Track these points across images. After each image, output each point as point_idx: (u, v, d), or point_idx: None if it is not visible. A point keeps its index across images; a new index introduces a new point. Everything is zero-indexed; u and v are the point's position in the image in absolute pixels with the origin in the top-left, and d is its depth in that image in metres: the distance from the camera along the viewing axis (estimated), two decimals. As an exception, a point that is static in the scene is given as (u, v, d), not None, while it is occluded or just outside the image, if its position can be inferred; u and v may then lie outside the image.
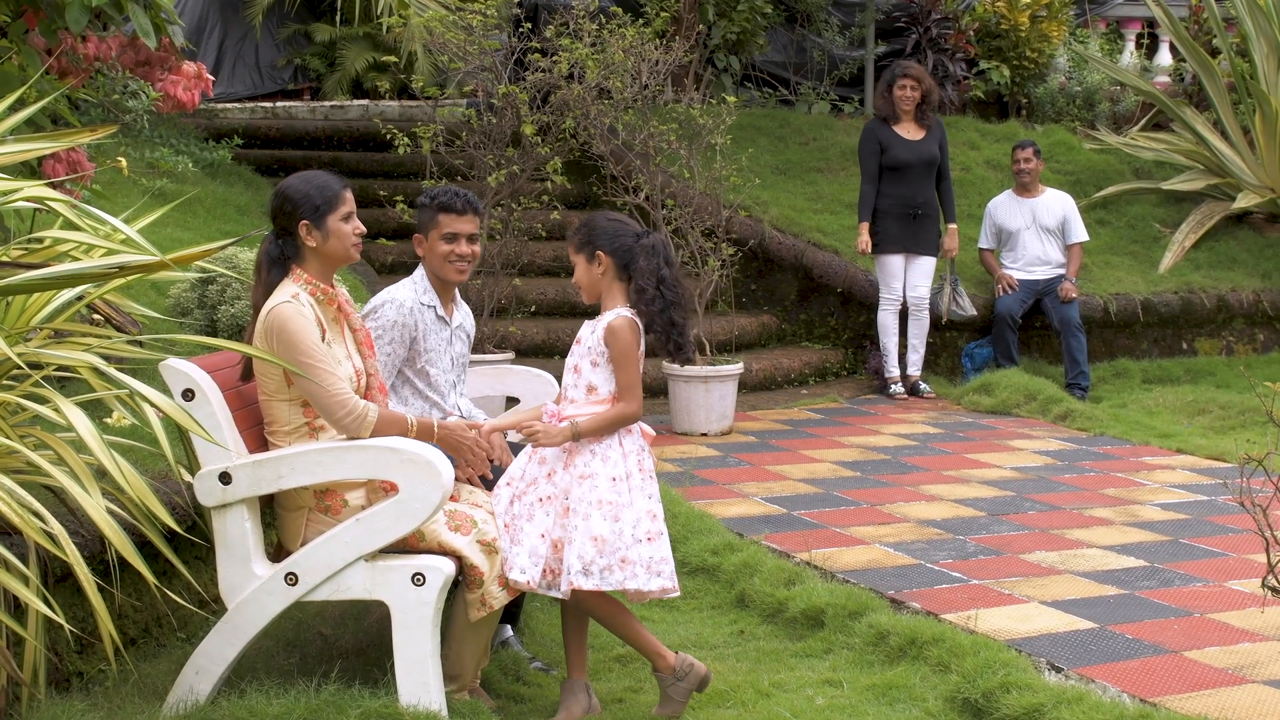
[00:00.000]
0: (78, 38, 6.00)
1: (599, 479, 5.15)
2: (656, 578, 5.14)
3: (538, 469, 5.23)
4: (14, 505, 4.09)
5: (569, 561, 5.08)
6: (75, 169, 5.93)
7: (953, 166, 14.00)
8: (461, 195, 5.88)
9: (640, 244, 5.28)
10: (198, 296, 7.32)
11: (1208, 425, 10.47)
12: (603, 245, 5.28)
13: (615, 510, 5.12)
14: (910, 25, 15.16)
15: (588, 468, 5.17)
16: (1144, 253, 13.57)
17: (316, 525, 4.96)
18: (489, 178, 10.03)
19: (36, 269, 4.47)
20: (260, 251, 5.08)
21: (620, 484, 5.17)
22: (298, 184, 5.07)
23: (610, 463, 5.18)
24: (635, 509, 5.16)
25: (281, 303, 4.93)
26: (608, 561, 5.08)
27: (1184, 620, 6.19)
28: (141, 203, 8.01)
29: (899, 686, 5.44)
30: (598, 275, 5.30)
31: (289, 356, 4.88)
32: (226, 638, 4.90)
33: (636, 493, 5.20)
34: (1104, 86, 15.56)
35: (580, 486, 5.15)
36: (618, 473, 5.18)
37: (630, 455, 5.23)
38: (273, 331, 4.90)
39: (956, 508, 8.04)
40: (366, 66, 15.18)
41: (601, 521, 5.10)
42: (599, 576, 5.08)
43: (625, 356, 5.22)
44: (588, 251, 5.31)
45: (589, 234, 5.31)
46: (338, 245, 5.06)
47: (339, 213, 5.06)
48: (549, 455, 5.23)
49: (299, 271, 5.05)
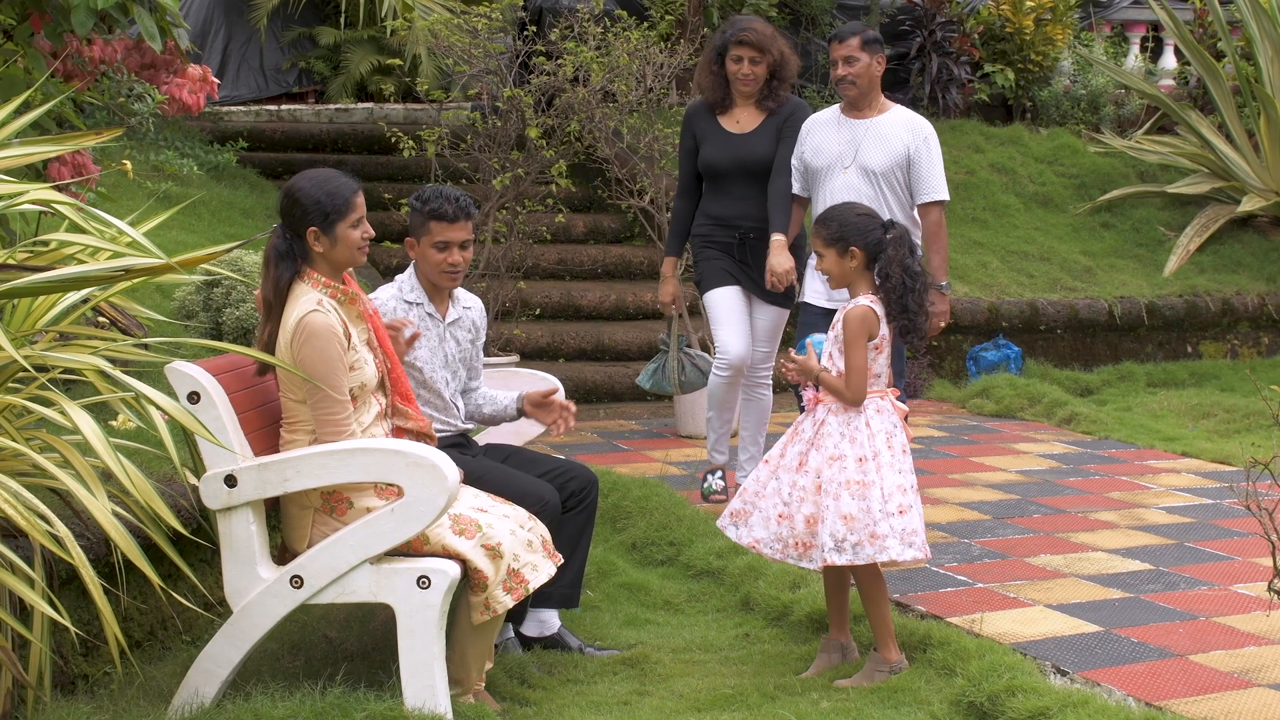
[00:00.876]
0: (83, 41, 6.00)
1: (847, 460, 5.48)
2: (909, 548, 5.47)
3: (795, 450, 5.60)
4: (20, 508, 4.10)
5: (822, 539, 5.43)
6: (80, 172, 5.93)
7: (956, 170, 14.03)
8: (453, 200, 5.75)
9: (889, 236, 5.54)
10: (203, 299, 7.33)
11: (1213, 429, 10.47)
12: (855, 240, 5.55)
13: (863, 489, 5.45)
14: (914, 28, 15.15)
15: (837, 449, 5.50)
16: (1149, 256, 13.56)
17: (322, 527, 4.96)
18: (494, 181, 10.03)
19: (42, 272, 4.47)
20: (269, 245, 5.06)
21: (868, 463, 5.48)
22: (308, 188, 5.02)
23: (858, 444, 5.50)
24: (885, 484, 5.47)
25: (311, 312, 4.91)
26: (858, 538, 5.41)
27: (1189, 624, 6.19)
28: (146, 206, 8.02)
29: (903, 690, 5.44)
30: (849, 268, 5.58)
31: (310, 367, 4.88)
32: (232, 640, 4.90)
33: (886, 469, 5.49)
34: (1109, 90, 15.55)
35: (831, 468, 5.49)
36: (865, 453, 5.49)
37: (879, 434, 5.53)
38: (300, 340, 4.89)
39: (961, 511, 8.04)
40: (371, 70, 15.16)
41: (850, 500, 5.43)
42: (851, 552, 5.42)
43: (852, 342, 5.51)
44: (840, 246, 5.57)
45: (841, 229, 5.58)
46: (344, 252, 5.05)
47: (349, 220, 5.03)
48: (808, 435, 5.59)
49: (313, 275, 5.04)
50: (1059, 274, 13.09)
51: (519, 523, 5.22)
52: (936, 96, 15.01)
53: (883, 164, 7.13)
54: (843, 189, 7.06)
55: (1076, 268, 13.24)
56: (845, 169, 7.18)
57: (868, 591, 5.60)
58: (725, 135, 7.71)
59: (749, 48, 7.54)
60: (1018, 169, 14.36)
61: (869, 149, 7.16)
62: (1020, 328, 12.35)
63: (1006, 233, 13.60)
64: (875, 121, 7.23)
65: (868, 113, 7.27)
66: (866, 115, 7.27)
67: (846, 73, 7.20)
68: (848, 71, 7.20)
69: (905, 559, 5.47)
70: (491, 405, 6.08)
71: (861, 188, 7.07)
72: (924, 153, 7.17)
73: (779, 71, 7.65)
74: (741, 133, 7.70)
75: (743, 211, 7.67)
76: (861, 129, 7.22)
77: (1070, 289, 12.88)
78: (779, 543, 5.56)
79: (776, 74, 7.65)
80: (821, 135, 7.32)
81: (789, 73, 7.70)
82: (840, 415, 5.54)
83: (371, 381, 5.09)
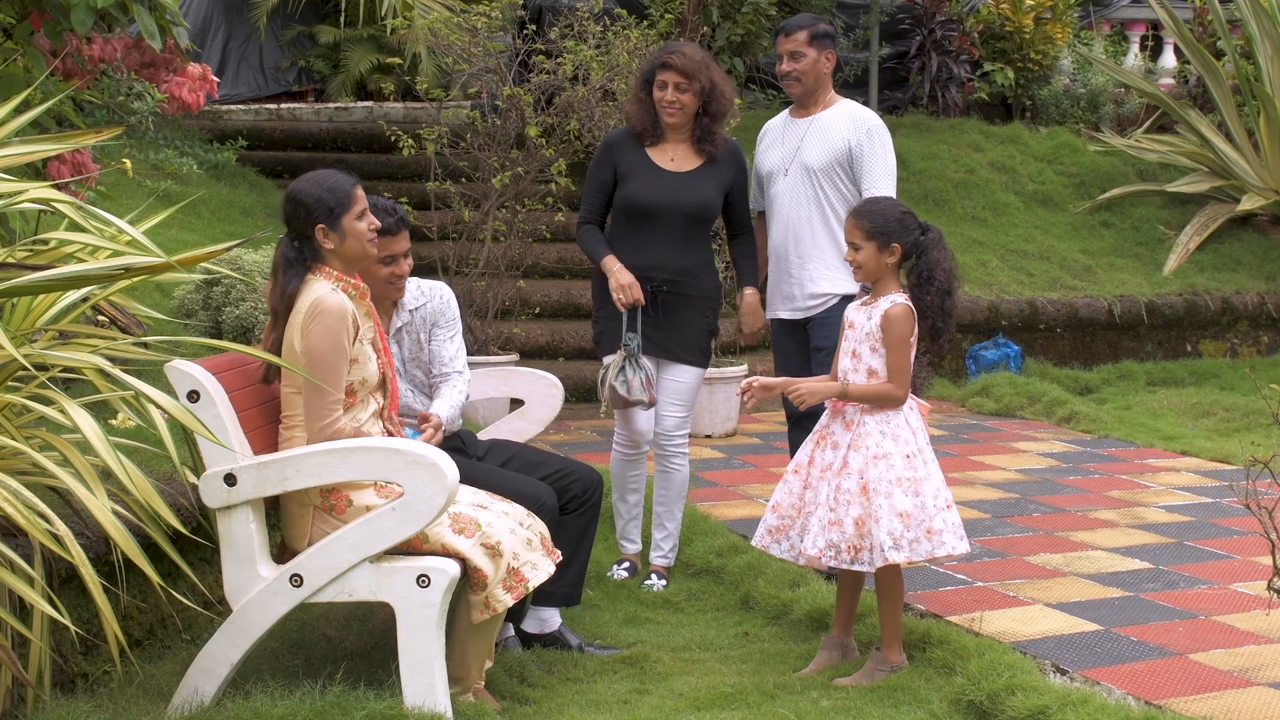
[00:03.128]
0: (83, 39, 6.00)
1: (894, 458, 5.44)
2: (961, 541, 5.50)
3: (832, 454, 5.54)
4: (19, 506, 4.09)
5: (879, 538, 5.36)
6: (80, 171, 5.93)
7: (955, 169, 14.05)
8: (393, 213, 5.60)
9: (928, 237, 5.55)
10: (202, 298, 7.33)
11: (1212, 427, 10.47)
12: (897, 237, 5.53)
13: (915, 485, 5.43)
14: (914, 27, 15.17)
15: (880, 447, 5.46)
16: (1148, 255, 13.57)
17: (322, 525, 4.96)
18: (493, 179, 10.03)
19: (42, 270, 4.47)
20: (276, 254, 5.07)
21: (915, 459, 5.47)
22: (308, 187, 5.04)
23: (902, 441, 5.48)
24: (933, 480, 5.48)
25: (327, 293, 4.95)
26: (915, 535, 5.39)
27: (1189, 623, 6.19)
28: (146, 204, 8.02)
29: (903, 688, 5.43)
30: (885, 263, 5.54)
31: (314, 345, 4.90)
32: (231, 639, 4.90)
33: (932, 465, 5.51)
34: (1108, 89, 15.57)
35: (876, 467, 5.43)
36: (910, 449, 5.48)
37: (919, 432, 5.52)
38: (311, 317, 4.91)
39: (961, 510, 7.98)
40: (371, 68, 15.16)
41: (904, 497, 5.40)
42: (909, 549, 5.39)
43: (899, 342, 5.48)
44: (881, 241, 5.53)
45: (884, 224, 5.54)
46: (355, 244, 5.06)
47: (353, 212, 5.05)
48: (840, 439, 5.53)
49: (326, 269, 5.05)
50: (1059, 273, 13.10)
51: (518, 520, 5.22)
52: (936, 95, 15.04)
53: (821, 161, 6.56)
54: (784, 193, 6.64)
55: (1076, 266, 13.25)
56: (785, 172, 6.65)
57: (887, 592, 5.58)
58: (658, 172, 6.70)
59: (674, 72, 6.57)
60: (1017, 168, 14.37)
61: (809, 147, 6.60)
62: (1020, 326, 12.37)
63: (1006, 231, 13.61)
64: (818, 118, 6.66)
65: (812, 110, 6.71)
66: (811, 113, 6.71)
67: (791, 68, 6.61)
68: (793, 67, 6.61)
69: (960, 552, 5.50)
70: None
71: (801, 189, 6.60)
72: (866, 145, 6.52)
73: (711, 105, 6.65)
74: (678, 171, 6.70)
75: (658, 261, 6.64)
76: (804, 127, 6.68)
77: (1070, 288, 12.89)
78: (831, 549, 5.47)
79: (708, 108, 6.66)
80: (768, 140, 6.82)
81: (722, 107, 6.68)
82: (877, 414, 5.51)
83: (372, 380, 5.10)
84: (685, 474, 6.91)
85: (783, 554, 5.70)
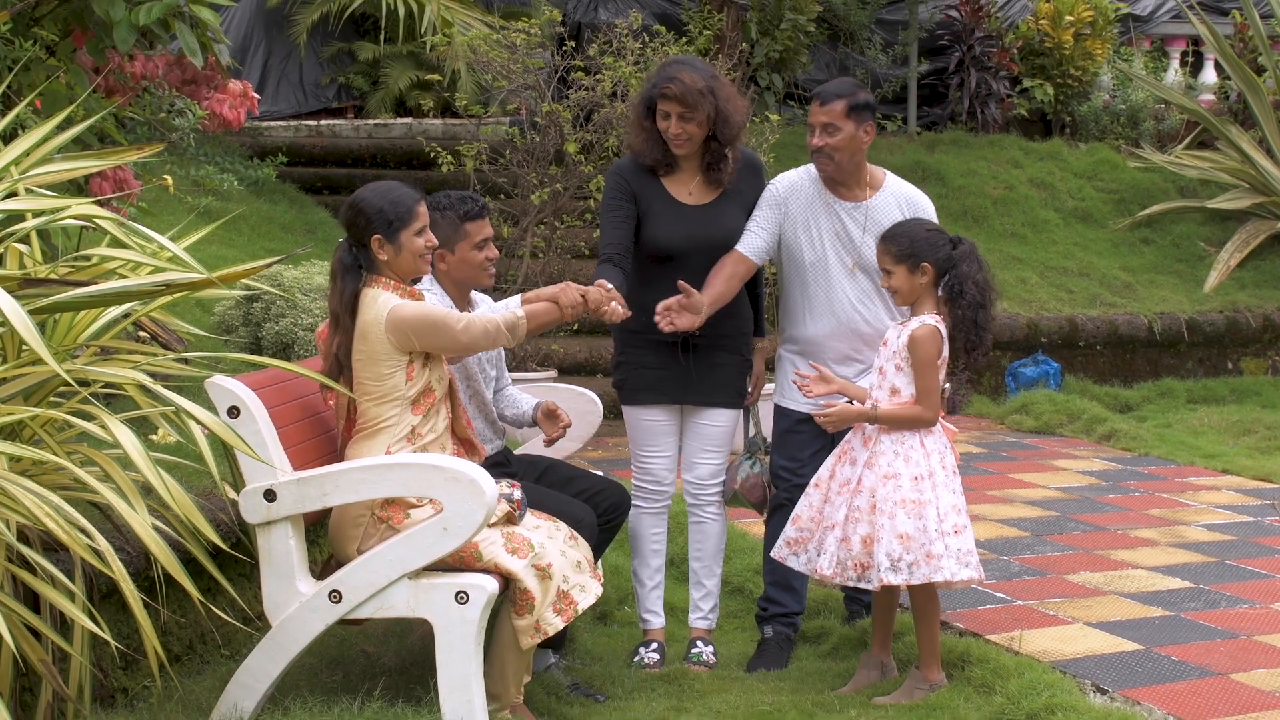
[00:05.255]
0: (125, 56, 6.03)
1: (902, 479, 5.41)
2: (965, 568, 5.43)
3: (850, 470, 5.53)
4: (61, 522, 4.11)
5: (879, 559, 5.35)
6: (122, 187, 5.97)
7: (995, 185, 14.00)
8: (476, 199, 5.70)
9: (959, 251, 5.49)
10: (242, 314, 7.36)
11: (1253, 445, 10.41)
12: (927, 256, 5.47)
13: (919, 508, 5.38)
14: (953, 43, 15.13)
15: (890, 468, 5.43)
16: (1189, 272, 13.51)
17: (376, 537, 4.94)
18: (532, 196, 10.05)
19: (84, 286, 4.49)
20: (335, 258, 5.09)
21: (923, 482, 5.41)
22: (371, 197, 5.07)
23: (913, 462, 5.43)
24: (940, 504, 5.41)
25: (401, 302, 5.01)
26: (914, 557, 5.34)
27: (1230, 642, 6.15)
28: (187, 220, 8.05)
29: (942, 707, 5.41)
30: (920, 284, 5.49)
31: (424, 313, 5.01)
32: (270, 655, 4.90)
33: (941, 489, 5.43)
34: (1148, 104, 15.50)
35: (885, 486, 5.41)
36: (920, 471, 5.43)
37: (933, 454, 5.47)
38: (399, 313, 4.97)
39: (1000, 528, 8.00)
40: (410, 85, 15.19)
41: (906, 519, 5.36)
42: (907, 571, 5.34)
43: (927, 364, 5.44)
44: (911, 263, 5.47)
45: (911, 245, 5.48)
46: (409, 260, 5.08)
47: (412, 228, 5.07)
48: (858, 456, 5.51)
49: (383, 279, 5.08)
50: (1098, 289, 13.04)
51: (565, 541, 5.21)
52: (975, 111, 15.00)
53: None
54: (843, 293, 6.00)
55: (1116, 283, 13.19)
56: (850, 269, 6.00)
57: (921, 611, 5.55)
58: (678, 207, 6.05)
59: (674, 102, 5.87)
60: (1057, 184, 14.33)
61: (867, 241, 5.92)
62: (1059, 343, 12.32)
63: (1045, 248, 13.56)
64: (872, 207, 5.99)
65: (856, 191, 6.01)
66: (858, 196, 6.01)
67: (824, 143, 5.87)
68: (825, 142, 5.87)
69: (960, 579, 5.43)
70: (513, 408, 5.98)
71: (868, 288, 6.00)
72: None
73: (720, 131, 5.95)
74: (698, 204, 6.06)
75: None
76: (856, 217, 5.99)
77: (1110, 304, 12.84)
78: (839, 565, 5.48)
79: (717, 135, 5.96)
80: (795, 210, 6.03)
81: (732, 132, 5.96)
82: (893, 433, 5.48)
83: (440, 388, 5.12)
84: (722, 526, 6.29)
85: (800, 567, 5.70)
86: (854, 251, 5.97)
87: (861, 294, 6.00)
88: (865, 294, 6.00)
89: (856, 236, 5.97)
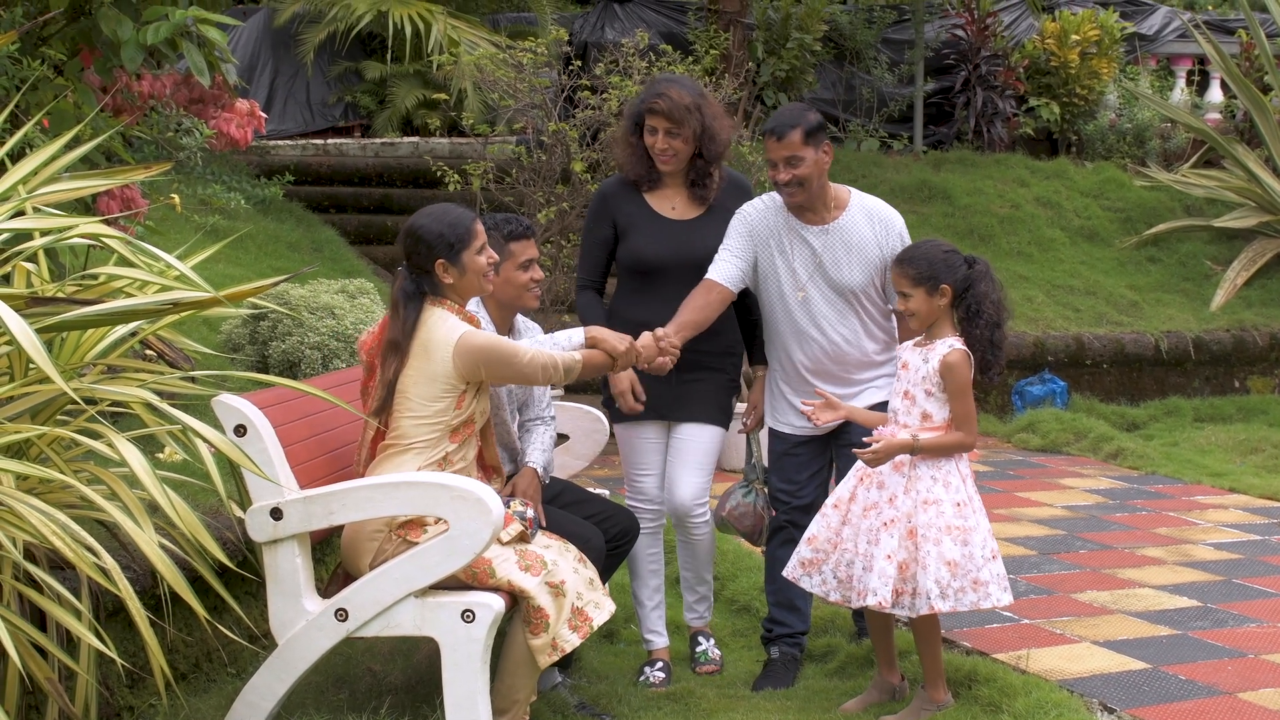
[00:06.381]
0: (133, 75, 6.05)
1: (944, 505, 5.34)
2: (1005, 593, 5.39)
3: (877, 494, 5.43)
4: (67, 540, 4.11)
5: (926, 586, 5.26)
6: (129, 206, 5.97)
7: (1001, 204, 14.01)
8: (520, 220, 5.72)
9: (975, 271, 5.46)
10: (249, 332, 7.36)
11: (1260, 464, 10.40)
12: (945, 277, 5.42)
13: (964, 534, 5.33)
14: (959, 62, 15.17)
15: (930, 493, 5.35)
16: (1195, 290, 13.51)
17: (391, 553, 4.93)
18: (539, 214, 10.06)
19: (91, 305, 4.50)
20: (395, 289, 5.11)
21: (965, 508, 5.37)
22: (429, 223, 5.08)
23: (952, 489, 5.37)
24: (981, 530, 5.37)
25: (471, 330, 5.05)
26: (961, 584, 5.30)
27: (1238, 661, 6.14)
28: (194, 239, 8.07)
29: (950, 726, 5.41)
30: (938, 306, 5.44)
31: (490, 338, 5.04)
32: (277, 673, 4.90)
33: (980, 514, 5.40)
34: (1154, 123, 15.52)
35: (926, 512, 5.32)
36: (961, 497, 5.37)
37: (969, 480, 5.43)
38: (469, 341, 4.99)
39: (1007, 546, 7.99)
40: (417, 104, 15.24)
41: (953, 546, 5.30)
42: (954, 598, 5.30)
43: (963, 389, 5.39)
44: (930, 285, 5.42)
45: (930, 267, 5.42)
46: (474, 279, 5.11)
47: (473, 247, 5.10)
48: (888, 480, 5.41)
49: (448, 303, 5.10)
50: (1105, 308, 13.05)
51: (577, 559, 5.21)
52: (981, 130, 15.03)
53: (860, 280, 5.90)
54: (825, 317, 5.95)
55: (1122, 302, 13.19)
56: (800, 291, 5.95)
57: (923, 633, 5.50)
58: (661, 222, 6.09)
59: (662, 118, 5.94)
60: (1063, 203, 14.34)
61: (839, 263, 5.90)
62: (1066, 362, 12.32)
63: (1052, 267, 13.57)
64: (839, 229, 5.94)
65: (823, 214, 5.95)
66: (824, 219, 5.94)
67: (791, 175, 5.80)
68: (792, 174, 5.80)
69: (1004, 604, 5.42)
70: None
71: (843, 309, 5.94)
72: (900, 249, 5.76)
73: (706, 148, 6.02)
74: (681, 219, 6.10)
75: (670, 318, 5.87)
76: (822, 239, 5.93)
77: (1116, 323, 12.84)
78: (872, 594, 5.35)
79: (703, 152, 6.03)
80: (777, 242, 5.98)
81: (718, 149, 6.05)
82: (929, 459, 5.38)
83: (480, 420, 5.13)
84: (709, 538, 6.24)
85: (813, 588, 5.61)
86: (824, 274, 5.91)
87: (838, 316, 5.94)
88: (841, 315, 5.94)
89: (826, 259, 5.90)
